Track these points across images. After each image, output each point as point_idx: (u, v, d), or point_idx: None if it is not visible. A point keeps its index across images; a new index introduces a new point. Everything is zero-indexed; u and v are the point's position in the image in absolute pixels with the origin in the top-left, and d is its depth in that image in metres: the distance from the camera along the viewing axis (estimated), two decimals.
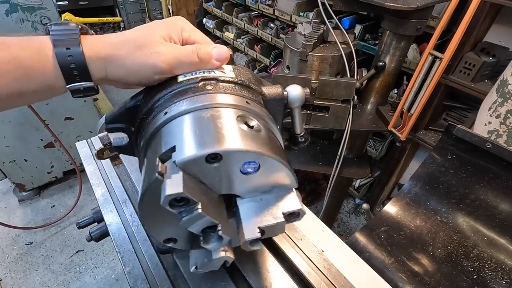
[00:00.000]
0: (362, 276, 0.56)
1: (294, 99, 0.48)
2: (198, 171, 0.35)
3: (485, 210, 0.76)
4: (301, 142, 0.55)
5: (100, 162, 0.83)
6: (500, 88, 0.88)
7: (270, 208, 0.40)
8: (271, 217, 0.39)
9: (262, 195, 0.41)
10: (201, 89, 0.41)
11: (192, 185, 0.34)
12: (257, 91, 0.46)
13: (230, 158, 0.34)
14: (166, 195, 0.31)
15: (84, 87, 0.40)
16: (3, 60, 0.35)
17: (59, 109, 2.09)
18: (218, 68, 0.45)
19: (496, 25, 1.39)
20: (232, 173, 0.37)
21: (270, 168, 0.37)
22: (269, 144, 0.37)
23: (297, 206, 0.39)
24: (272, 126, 0.44)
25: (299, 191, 0.42)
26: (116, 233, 0.65)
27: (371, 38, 1.80)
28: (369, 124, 1.29)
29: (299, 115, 0.52)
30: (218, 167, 0.35)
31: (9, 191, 2.39)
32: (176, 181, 0.32)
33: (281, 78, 1.03)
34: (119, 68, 0.41)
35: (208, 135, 0.35)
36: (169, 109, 0.40)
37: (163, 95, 0.43)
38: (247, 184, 0.39)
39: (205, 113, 0.38)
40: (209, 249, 0.40)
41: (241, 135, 0.35)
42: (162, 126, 0.40)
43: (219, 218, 0.38)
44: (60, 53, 0.37)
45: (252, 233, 0.39)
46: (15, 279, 1.88)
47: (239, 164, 0.36)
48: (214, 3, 3.02)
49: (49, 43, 0.37)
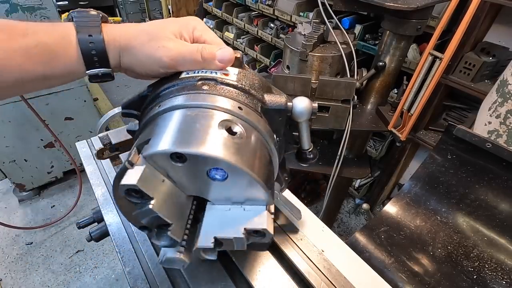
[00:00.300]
0: (362, 276, 0.56)
1: (300, 113, 0.44)
2: (166, 168, 0.36)
3: (485, 210, 0.76)
4: (309, 158, 0.52)
5: (100, 162, 0.83)
6: (500, 88, 0.88)
7: (235, 221, 0.39)
8: (232, 230, 0.38)
9: (233, 206, 0.40)
10: (197, 88, 0.41)
11: (152, 180, 0.34)
12: (256, 98, 0.43)
13: (195, 160, 0.34)
14: (121, 184, 0.32)
15: (102, 73, 0.42)
16: (31, 44, 0.36)
17: (59, 109, 2.09)
18: (222, 70, 0.44)
19: (496, 25, 1.39)
20: (200, 176, 0.36)
21: (239, 179, 0.36)
22: (247, 154, 0.35)
23: (262, 226, 0.37)
24: (265, 136, 0.41)
25: (298, 194, 0.41)
26: (116, 233, 0.65)
27: (371, 38, 1.80)
28: (369, 124, 1.29)
29: (306, 130, 0.48)
30: (184, 167, 0.35)
31: (9, 191, 2.39)
32: (135, 172, 0.33)
33: (281, 78, 1.03)
34: (131, 57, 0.42)
35: (180, 134, 0.35)
36: (163, 103, 0.41)
37: (164, 88, 0.43)
38: (217, 191, 0.39)
39: (191, 112, 0.38)
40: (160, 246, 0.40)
41: (213, 140, 0.34)
42: (152, 118, 0.41)
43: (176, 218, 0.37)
44: (82, 39, 0.39)
45: (205, 242, 0.38)
46: (15, 279, 1.88)
47: (205, 168, 0.35)
48: (214, 3, 3.02)
49: (72, 29, 0.39)
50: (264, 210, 0.39)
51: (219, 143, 0.34)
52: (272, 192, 0.39)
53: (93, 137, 0.89)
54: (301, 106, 0.44)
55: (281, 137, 0.48)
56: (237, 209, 0.40)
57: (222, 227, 0.39)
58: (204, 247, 0.38)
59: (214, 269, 0.57)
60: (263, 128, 0.41)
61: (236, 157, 0.34)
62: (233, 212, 0.40)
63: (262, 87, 0.46)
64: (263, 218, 0.38)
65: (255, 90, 0.44)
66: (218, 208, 0.41)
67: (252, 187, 0.37)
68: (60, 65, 0.39)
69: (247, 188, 0.37)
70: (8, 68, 0.36)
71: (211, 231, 0.38)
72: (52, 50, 0.38)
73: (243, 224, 0.38)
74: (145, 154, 0.34)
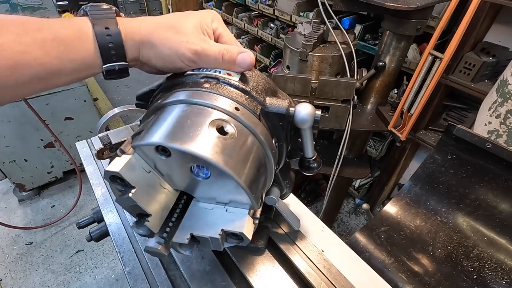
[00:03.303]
0: (362, 276, 0.56)
1: (302, 119, 0.43)
2: (153, 159, 0.36)
3: (485, 210, 0.76)
4: (312, 167, 0.50)
5: (100, 162, 0.83)
6: (500, 88, 0.88)
7: (215, 220, 0.39)
8: (209, 230, 0.38)
9: (217, 205, 0.40)
10: (198, 86, 0.41)
11: (137, 170, 0.35)
12: (257, 100, 0.43)
13: (178, 156, 0.34)
14: (105, 170, 0.34)
15: (119, 68, 0.41)
16: (48, 37, 0.36)
17: (59, 109, 2.09)
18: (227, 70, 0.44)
19: (496, 25, 1.38)
20: (184, 172, 0.37)
21: (222, 180, 0.35)
22: (233, 156, 0.35)
23: (240, 229, 0.37)
24: (260, 139, 0.40)
25: (298, 194, 0.41)
26: (116, 233, 0.65)
27: (371, 38, 1.80)
28: (369, 124, 1.29)
29: (310, 138, 0.47)
30: (169, 161, 0.35)
31: (9, 191, 2.38)
32: (121, 161, 0.34)
33: (281, 78, 1.03)
34: (151, 50, 0.41)
35: (169, 128, 0.35)
36: (164, 97, 0.41)
37: (170, 83, 0.44)
38: (202, 188, 0.39)
39: (186, 108, 0.38)
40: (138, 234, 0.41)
41: (199, 137, 0.34)
42: (153, 111, 0.41)
43: (157, 210, 0.38)
44: (99, 32, 0.38)
45: (181, 237, 0.38)
46: (15, 279, 1.87)
47: (188, 164, 0.35)
48: (214, 3, 3.02)
49: (88, 22, 0.38)
50: (246, 214, 0.39)
51: (204, 141, 0.34)
52: (257, 197, 0.38)
53: (93, 137, 0.89)
54: (303, 112, 0.42)
55: (282, 142, 0.46)
56: (220, 209, 0.40)
57: (201, 225, 0.39)
58: (179, 242, 0.38)
59: (214, 269, 0.57)
60: (260, 131, 0.40)
61: (220, 157, 0.33)
62: (215, 212, 0.40)
63: (266, 90, 0.45)
64: (243, 222, 0.38)
65: (257, 92, 0.43)
66: (201, 206, 0.41)
67: (235, 189, 0.36)
68: (77, 59, 0.38)
69: (230, 190, 0.37)
70: (24, 62, 0.35)
71: (190, 227, 0.39)
72: (68, 44, 0.37)
73: (221, 225, 0.38)
74: (133, 145, 0.35)
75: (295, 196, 0.71)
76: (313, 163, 0.50)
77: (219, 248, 0.39)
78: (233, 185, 0.35)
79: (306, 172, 0.51)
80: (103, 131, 0.84)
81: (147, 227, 0.37)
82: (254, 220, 0.41)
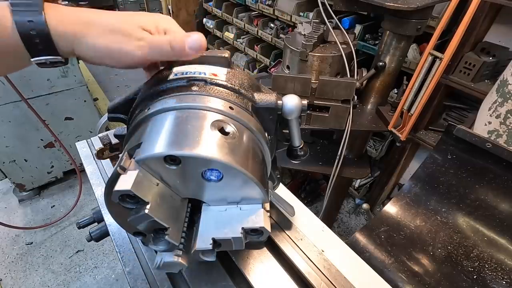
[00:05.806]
0: (362, 276, 0.56)
1: (290, 110, 0.45)
2: (159, 171, 0.35)
3: (485, 210, 0.76)
4: (300, 155, 0.52)
5: (100, 162, 0.83)
6: (500, 88, 0.88)
7: (232, 220, 0.39)
8: (229, 231, 0.38)
9: (229, 206, 0.40)
10: (186, 89, 0.40)
11: (146, 185, 0.34)
12: (247, 97, 0.43)
13: (189, 162, 0.33)
14: (114, 190, 0.32)
15: (50, 61, 0.37)
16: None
17: (59, 109, 2.09)
18: (211, 70, 0.43)
19: (496, 25, 1.38)
20: (194, 178, 0.36)
21: (234, 179, 0.35)
22: (240, 154, 0.35)
23: (259, 224, 0.38)
24: (257, 135, 0.41)
25: (298, 194, 0.41)
26: (116, 233, 0.65)
27: (371, 38, 1.80)
28: (369, 124, 1.29)
29: (297, 127, 0.49)
30: (178, 169, 0.34)
31: (9, 191, 2.39)
32: (129, 177, 0.32)
33: (281, 78, 1.03)
34: (87, 47, 0.38)
35: (172, 136, 0.34)
36: (153, 106, 0.40)
37: (153, 90, 0.42)
38: (212, 191, 0.38)
39: (182, 114, 0.37)
40: (157, 250, 0.39)
41: (206, 141, 0.33)
42: (142, 121, 0.40)
43: (173, 222, 0.37)
44: (20, 23, 0.34)
45: (204, 243, 0.37)
46: (15, 279, 1.87)
47: (200, 170, 0.35)
48: (214, 3, 3.02)
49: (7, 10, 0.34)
50: (260, 208, 0.39)
51: (212, 144, 0.33)
52: (267, 190, 0.39)
53: (93, 137, 0.89)
54: (291, 103, 0.44)
55: (272, 135, 0.48)
56: (233, 209, 0.40)
57: (220, 227, 0.38)
58: (202, 249, 0.37)
59: (214, 269, 0.57)
60: (255, 127, 0.41)
61: (230, 157, 0.33)
62: (229, 212, 0.40)
63: (251, 86, 0.46)
64: (260, 216, 0.38)
65: (244, 89, 0.44)
66: (214, 209, 0.40)
67: (247, 186, 0.36)
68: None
69: (242, 187, 0.37)
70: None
71: (209, 232, 0.38)
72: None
73: (240, 224, 0.38)
74: (138, 158, 0.33)
75: (295, 196, 0.71)
76: (300, 151, 0.52)
77: (242, 247, 0.39)
78: (245, 182, 0.36)
79: (294, 160, 0.53)
80: (103, 131, 0.84)
81: (166, 241, 0.37)
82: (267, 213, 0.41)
